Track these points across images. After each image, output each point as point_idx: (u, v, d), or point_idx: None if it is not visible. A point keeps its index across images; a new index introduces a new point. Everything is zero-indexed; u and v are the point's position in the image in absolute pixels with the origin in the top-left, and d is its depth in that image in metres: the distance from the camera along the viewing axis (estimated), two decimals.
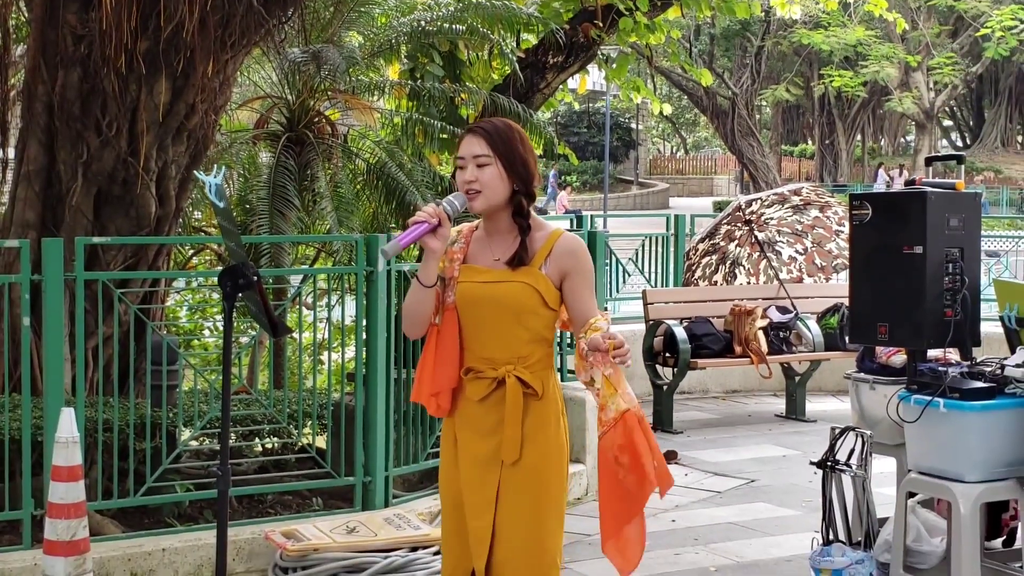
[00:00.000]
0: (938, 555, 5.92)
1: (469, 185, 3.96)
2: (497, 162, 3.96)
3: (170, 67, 6.88)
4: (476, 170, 3.96)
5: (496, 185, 3.97)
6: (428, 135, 10.30)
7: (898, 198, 6.22)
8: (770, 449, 9.90)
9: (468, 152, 3.99)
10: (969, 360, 5.99)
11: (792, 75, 53.84)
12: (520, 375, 3.98)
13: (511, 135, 4.01)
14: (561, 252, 3.99)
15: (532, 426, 4.00)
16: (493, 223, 4.04)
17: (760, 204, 12.03)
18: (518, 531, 3.98)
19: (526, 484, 3.99)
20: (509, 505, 3.99)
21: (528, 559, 3.99)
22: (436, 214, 3.88)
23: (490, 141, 3.97)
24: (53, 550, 5.55)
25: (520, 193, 4.00)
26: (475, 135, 4.01)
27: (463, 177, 3.98)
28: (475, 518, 4.02)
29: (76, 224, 6.94)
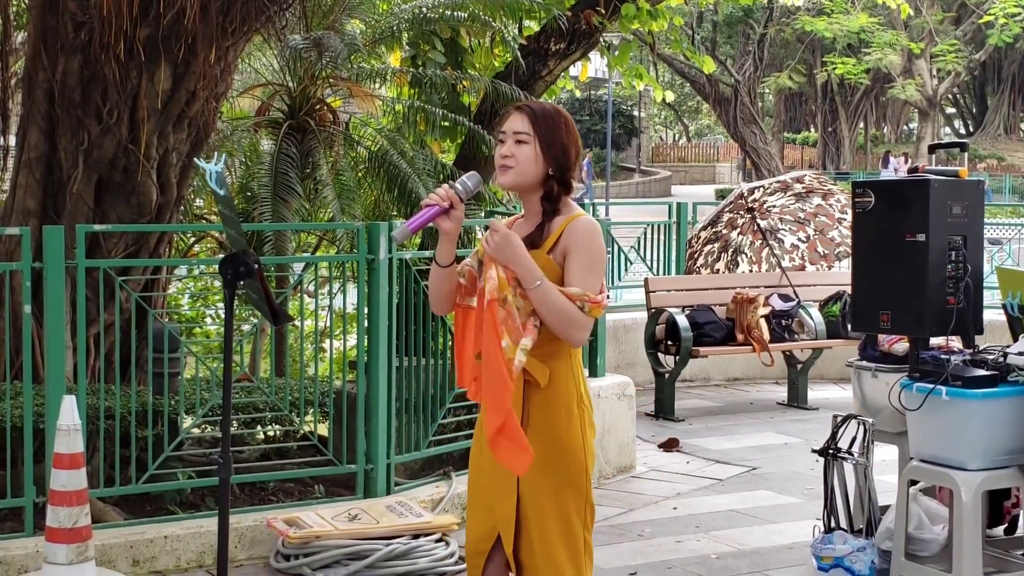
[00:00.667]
0: (940, 543, 5.92)
1: (504, 160, 3.95)
2: (536, 142, 3.94)
3: (171, 54, 6.87)
4: (514, 146, 3.94)
5: (529, 164, 3.94)
6: (430, 123, 10.28)
7: (901, 186, 6.21)
8: (772, 437, 9.90)
9: (510, 127, 3.97)
10: (971, 348, 5.98)
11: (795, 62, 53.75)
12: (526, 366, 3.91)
13: (556, 118, 3.98)
14: (570, 233, 3.93)
15: (536, 416, 3.95)
16: (527, 206, 4.02)
17: (762, 192, 12.01)
18: (538, 521, 3.96)
19: (539, 475, 3.94)
20: (528, 494, 3.97)
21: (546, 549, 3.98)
22: (447, 196, 3.85)
23: (533, 120, 3.95)
24: (55, 537, 5.55)
25: (554, 178, 3.97)
26: (520, 112, 3.99)
27: (500, 151, 3.97)
28: (499, 503, 4.01)
29: (77, 212, 6.93)
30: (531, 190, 3.98)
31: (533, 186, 3.97)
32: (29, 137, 7.05)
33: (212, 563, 6.24)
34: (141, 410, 6.49)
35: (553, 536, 3.99)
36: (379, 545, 6.22)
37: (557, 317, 3.84)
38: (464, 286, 4.04)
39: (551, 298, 3.83)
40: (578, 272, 3.89)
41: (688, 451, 9.33)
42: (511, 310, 3.87)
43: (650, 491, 8.12)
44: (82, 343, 6.39)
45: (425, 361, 7.36)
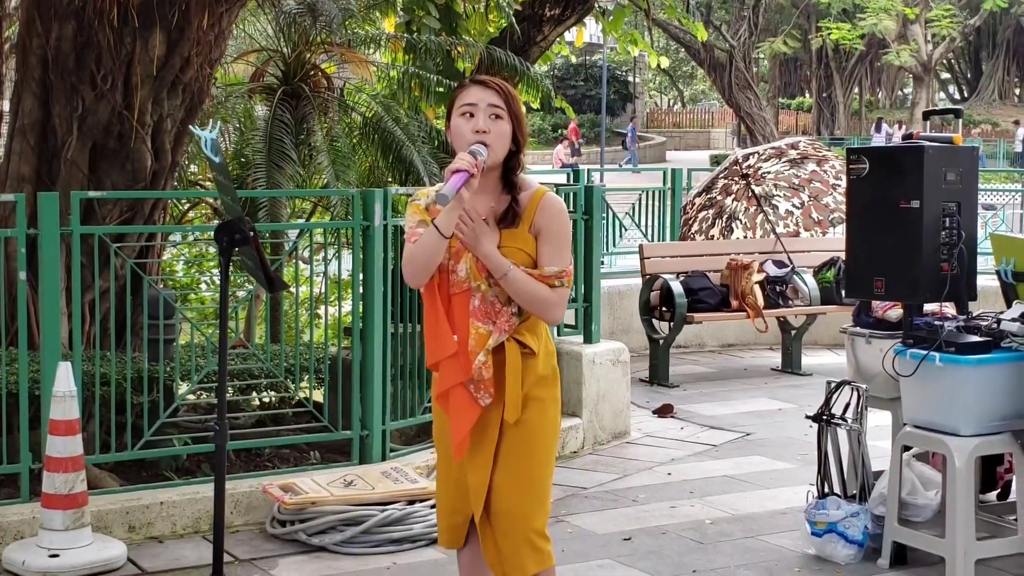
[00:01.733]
0: (933, 508, 5.96)
1: (481, 135, 3.91)
2: (508, 117, 3.95)
3: (165, 20, 6.84)
4: (491, 121, 3.93)
5: (504, 141, 3.95)
6: (424, 89, 10.25)
7: (895, 152, 6.21)
8: (766, 403, 9.93)
9: (482, 99, 3.94)
10: (965, 314, 6.00)
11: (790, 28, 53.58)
12: (519, 336, 4.00)
13: (514, 92, 4.01)
14: (544, 212, 3.99)
15: (530, 384, 4.03)
16: (481, 181, 3.91)
17: (757, 158, 12.00)
18: (517, 486, 4.03)
19: (524, 441, 4.03)
20: (508, 461, 4.04)
21: (523, 510, 4.05)
22: (477, 165, 3.83)
23: (503, 96, 3.96)
24: (51, 503, 5.58)
25: (515, 153, 3.99)
26: (488, 88, 3.97)
27: (474, 125, 3.92)
28: (473, 474, 4.06)
29: (72, 178, 6.92)
30: (492, 167, 3.97)
31: (499, 163, 3.98)
32: (23, 103, 7.03)
33: (208, 529, 6.26)
34: (136, 376, 6.50)
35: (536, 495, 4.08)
36: (374, 511, 6.24)
37: (530, 301, 3.96)
38: None
39: (521, 285, 3.92)
40: (554, 251, 3.98)
41: (682, 417, 9.36)
42: (485, 297, 3.96)
43: (644, 457, 8.15)
44: (77, 310, 6.39)
45: (420, 327, 7.36)
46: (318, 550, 6.15)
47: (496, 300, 3.96)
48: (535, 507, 4.07)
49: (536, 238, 3.98)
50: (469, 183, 3.80)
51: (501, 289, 3.94)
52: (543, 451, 4.08)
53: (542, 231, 3.98)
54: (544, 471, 4.10)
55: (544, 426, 4.07)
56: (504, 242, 3.96)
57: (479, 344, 3.95)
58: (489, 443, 4.04)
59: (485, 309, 3.96)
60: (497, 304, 3.96)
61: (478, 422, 4.02)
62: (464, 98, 3.98)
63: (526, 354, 4.01)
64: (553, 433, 4.13)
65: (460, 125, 3.96)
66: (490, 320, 3.96)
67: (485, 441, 4.04)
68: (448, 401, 4.04)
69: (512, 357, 3.99)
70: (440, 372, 4.05)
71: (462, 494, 4.13)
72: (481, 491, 4.05)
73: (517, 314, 3.99)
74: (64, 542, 5.60)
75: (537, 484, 4.07)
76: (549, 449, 4.12)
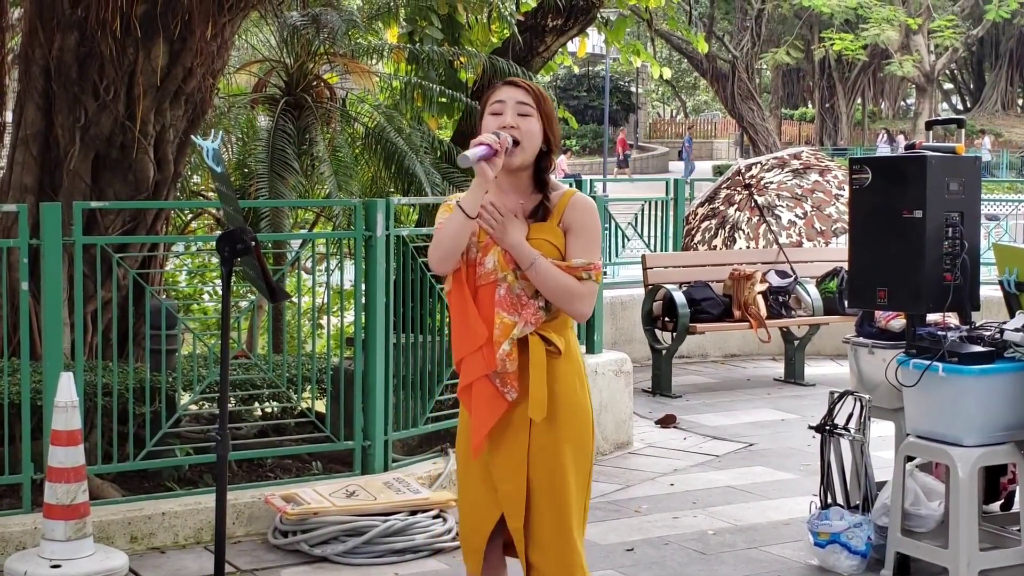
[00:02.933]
0: (936, 519, 5.94)
1: (511, 131, 3.91)
2: (538, 116, 3.95)
3: (167, 30, 6.85)
4: (518, 117, 3.93)
5: (534, 138, 3.95)
6: (427, 99, 10.26)
7: (898, 162, 6.21)
8: (769, 413, 9.92)
9: (510, 97, 3.95)
10: (968, 324, 5.99)
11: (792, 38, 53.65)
12: (544, 333, 3.96)
13: (547, 96, 4.02)
14: (573, 210, 3.98)
15: (557, 384, 3.98)
16: (511, 180, 3.98)
17: (760, 168, 12.00)
18: (548, 491, 3.97)
19: (557, 443, 3.97)
20: (542, 465, 3.97)
21: (561, 518, 3.99)
22: (503, 143, 3.84)
23: (533, 94, 3.97)
24: (53, 514, 5.57)
25: (546, 153, 4.00)
26: (516, 86, 3.99)
27: (502, 121, 3.92)
28: (505, 481, 3.99)
29: (74, 188, 6.92)
30: (524, 166, 3.98)
31: (529, 161, 3.98)
32: (26, 114, 7.04)
33: (210, 539, 6.26)
34: (139, 387, 6.50)
35: (571, 507, 4.02)
36: (376, 521, 6.23)
37: (556, 293, 3.92)
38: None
39: (548, 275, 3.89)
40: (583, 245, 3.96)
41: (685, 427, 9.35)
42: (511, 288, 3.93)
43: (647, 467, 8.14)
44: (79, 320, 6.39)
45: (422, 338, 7.36)
46: (320, 560, 6.14)
47: (523, 292, 3.93)
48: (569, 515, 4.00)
49: (565, 233, 3.97)
50: (492, 161, 3.82)
51: (528, 283, 3.92)
52: (578, 455, 4.01)
53: (572, 226, 3.97)
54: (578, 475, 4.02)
55: (575, 428, 4.00)
56: (532, 234, 3.94)
57: (504, 334, 3.91)
58: (520, 448, 3.97)
59: (511, 300, 3.93)
60: (524, 296, 3.93)
61: (505, 423, 3.97)
62: (494, 97, 3.99)
63: (551, 352, 3.97)
64: (586, 438, 4.05)
65: (489, 123, 3.96)
66: (516, 311, 3.93)
67: (516, 446, 3.97)
68: (471, 395, 3.99)
69: (536, 351, 3.93)
70: (464, 365, 4.01)
71: (481, 514, 4.06)
72: (517, 499, 3.96)
73: (544, 308, 3.95)
74: (66, 552, 5.59)
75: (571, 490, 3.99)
76: (583, 453, 4.04)
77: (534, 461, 3.98)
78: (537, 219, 3.97)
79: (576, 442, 4.02)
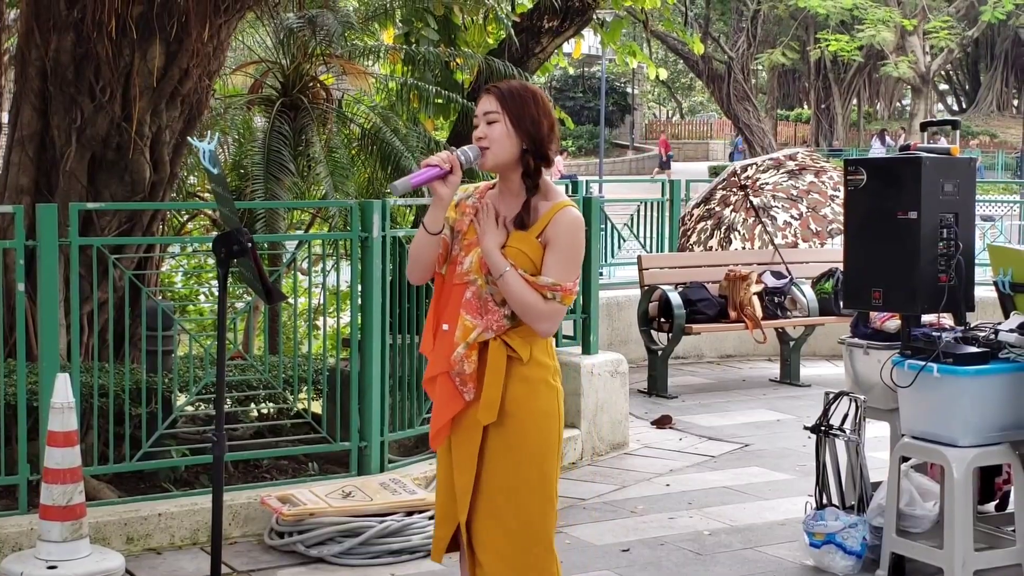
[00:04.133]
0: (931, 519, 5.95)
1: (479, 141, 3.99)
2: (505, 118, 3.97)
3: (164, 31, 6.86)
4: (486, 127, 3.99)
5: (503, 142, 3.98)
6: (423, 100, 10.27)
7: (893, 163, 6.22)
8: (764, 414, 9.93)
9: (480, 110, 4.03)
10: (963, 325, 6.00)
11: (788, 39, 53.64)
12: (507, 339, 4.00)
13: (524, 94, 4.03)
14: (556, 224, 4.00)
15: (516, 390, 4.01)
16: (505, 183, 4.06)
17: (755, 169, 12.01)
18: (498, 494, 4.02)
19: (507, 448, 4.01)
20: (490, 467, 4.03)
21: (505, 523, 4.02)
22: (449, 160, 3.91)
23: (500, 98, 4.00)
24: (49, 515, 5.57)
25: (529, 152, 4.00)
26: (488, 93, 4.04)
27: (475, 134, 4.02)
28: (459, 474, 4.06)
29: (70, 189, 6.93)
30: (510, 168, 4.02)
31: (512, 164, 4.02)
32: (22, 115, 7.04)
33: (206, 540, 6.26)
34: (135, 388, 6.50)
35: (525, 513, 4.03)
36: (373, 522, 6.24)
37: (521, 308, 3.97)
38: (440, 254, 4.08)
39: (515, 289, 3.94)
40: (556, 265, 3.99)
41: (681, 428, 9.36)
42: (479, 292, 4.00)
43: (643, 468, 8.15)
44: (75, 321, 6.39)
45: (418, 338, 7.36)
46: (316, 561, 6.14)
47: (490, 298, 3.99)
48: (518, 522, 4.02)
49: (545, 247, 3.99)
50: (448, 180, 3.90)
51: (498, 289, 3.96)
52: (529, 464, 4.02)
53: (551, 242, 3.99)
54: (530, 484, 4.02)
55: (529, 435, 4.01)
56: (511, 242, 3.98)
57: (463, 335, 3.99)
58: (472, 444, 4.02)
59: (477, 304, 3.99)
60: (491, 302, 3.99)
61: (463, 420, 4.03)
62: (476, 110, 4.08)
63: (513, 358, 4.00)
64: (542, 447, 4.04)
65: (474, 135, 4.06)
66: (479, 315, 3.99)
67: (469, 442, 4.03)
68: (434, 388, 4.09)
69: (495, 357, 3.98)
70: (430, 359, 4.13)
71: (446, 506, 4.13)
72: (465, 492, 4.03)
73: (509, 317, 3.99)
74: (62, 554, 5.58)
75: (520, 497, 4.01)
76: (536, 463, 4.03)
77: (487, 462, 4.03)
78: (518, 227, 4.00)
79: (532, 448, 4.02)
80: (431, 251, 4.03)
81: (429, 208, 3.99)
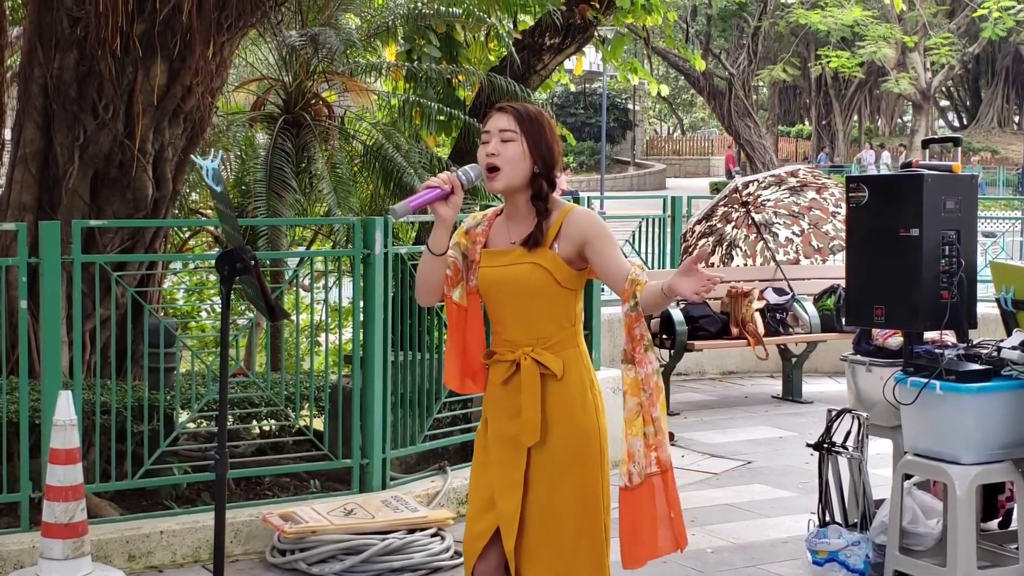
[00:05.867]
0: (934, 537, 5.94)
1: (491, 159, 3.92)
2: (522, 140, 3.93)
3: (166, 49, 6.87)
4: (500, 144, 3.93)
5: (518, 163, 3.92)
6: (425, 117, 10.28)
7: (894, 180, 6.22)
8: (767, 431, 9.92)
9: (494, 126, 3.96)
10: (965, 342, 6.00)
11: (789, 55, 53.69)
12: (538, 356, 3.94)
13: (539, 118, 3.99)
14: (571, 225, 3.94)
15: (555, 408, 3.96)
16: (513, 206, 4.01)
17: (757, 186, 12.02)
18: (546, 517, 3.94)
19: (553, 469, 3.94)
20: (537, 489, 3.95)
21: (561, 543, 3.95)
22: (449, 180, 3.87)
23: (518, 118, 3.95)
24: (51, 532, 5.56)
25: (541, 176, 3.97)
26: (503, 112, 3.98)
27: (486, 150, 3.95)
28: (502, 499, 3.96)
29: (73, 207, 6.94)
30: (519, 191, 3.97)
31: (521, 186, 3.96)
32: (25, 132, 7.05)
33: (208, 558, 6.26)
34: (137, 405, 6.50)
35: (574, 532, 3.97)
36: (375, 540, 6.23)
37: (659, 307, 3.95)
38: (449, 277, 4.05)
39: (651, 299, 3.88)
40: (614, 254, 3.93)
41: (683, 445, 9.34)
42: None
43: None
44: (78, 338, 6.39)
45: (420, 355, 7.37)
46: None
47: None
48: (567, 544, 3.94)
49: (579, 253, 3.93)
50: (450, 200, 3.87)
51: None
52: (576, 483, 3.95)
53: (588, 241, 3.91)
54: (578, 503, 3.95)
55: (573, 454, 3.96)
56: (527, 259, 3.93)
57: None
58: (517, 467, 3.95)
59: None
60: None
61: (505, 442, 3.98)
62: (484, 126, 4.02)
63: (547, 375, 3.95)
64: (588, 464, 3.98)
65: (479, 151, 3.99)
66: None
67: (513, 465, 3.96)
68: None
69: (528, 376, 3.93)
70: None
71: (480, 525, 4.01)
72: (511, 518, 3.92)
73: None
74: (64, 571, 5.58)
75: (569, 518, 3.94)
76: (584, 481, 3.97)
77: (532, 483, 3.96)
78: (530, 246, 3.95)
79: (576, 465, 3.97)
80: (438, 273, 4.00)
81: (433, 229, 3.95)
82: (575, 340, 4.03)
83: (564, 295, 3.97)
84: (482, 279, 4.01)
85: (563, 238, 3.94)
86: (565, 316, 3.99)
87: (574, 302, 4.01)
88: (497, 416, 4.04)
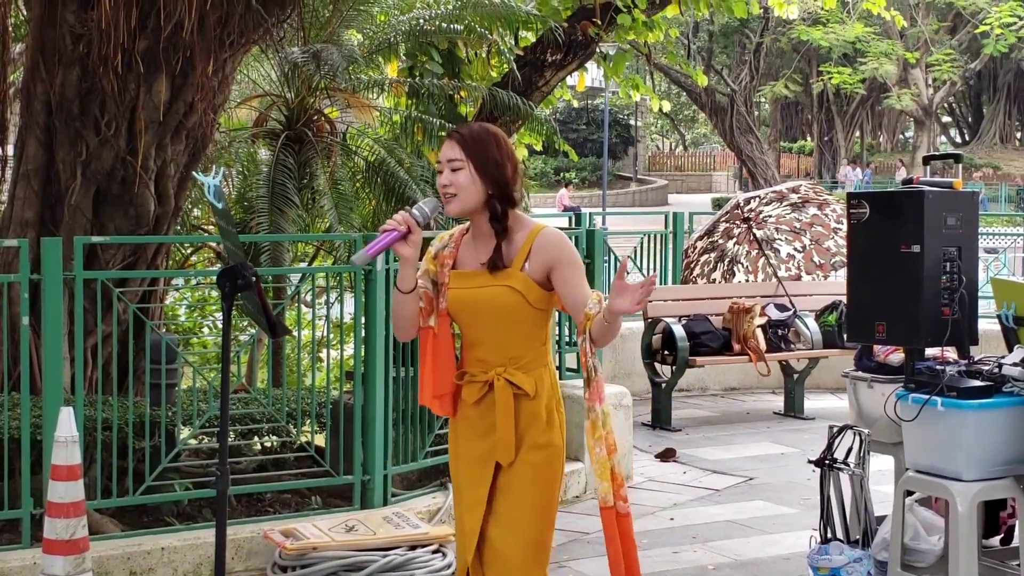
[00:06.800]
0: (936, 553, 5.93)
1: (444, 189, 4.00)
2: (469, 165, 3.97)
3: (169, 66, 6.89)
4: (450, 174, 3.98)
5: (469, 188, 3.97)
6: (427, 132, 10.30)
7: (896, 197, 6.23)
8: (768, 447, 9.91)
9: (444, 156, 4.03)
10: (967, 359, 5.99)
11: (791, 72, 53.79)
12: (511, 377, 3.99)
13: (486, 138, 4.01)
14: (541, 247, 3.98)
15: (525, 427, 4.02)
16: (476, 227, 4.06)
17: (759, 202, 12.03)
18: (509, 530, 4.00)
19: (518, 484, 4.01)
20: (501, 504, 4.02)
21: (516, 557, 4.01)
22: (404, 221, 3.92)
23: (463, 144, 3.99)
24: (52, 549, 5.55)
25: (495, 197, 4.00)
26: (450, 139, 4.04)
27: (440, 181, 4.02)
28: (468, 513, 4.06)
29: (75, 223, 6.94)
30: (478, 212, 4.02)
31: (478, 208, 4.01)
32: (27, 148, 7.07)
33: (209, 574, 6.25)
34: (138, 421, 6.50)
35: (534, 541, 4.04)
36: (376, 556, 6.22)
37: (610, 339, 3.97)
38: (423, 308, 4.08)
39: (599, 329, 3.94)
40: (577, 281, 3.97)
41: (685, 461, 9.34)
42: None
43: (647, 501, 8.13)
44: (80, 354, 6.39)
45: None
46: None
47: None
48: (526, 554, 4.02)
49: (547, 274, 3.97)
50: (408, 239, 3.91)
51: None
52: (539, 497, 4.03)
53: (555, 265, 3.96)
54: (537, 516, 4.04)
55: (539, 471, 4.02)
56: (494, 281, 3.98)
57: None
58: (483, 485, 4.03)
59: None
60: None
61: (475, 457, 4.04)
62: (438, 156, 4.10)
63: (519, 395, 4.01)
64: (551, 480, 4.07)
65: (437, 182, 4.08)
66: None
67: (479, 483, 4.04)
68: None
69: (502, 396, 3.98)
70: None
71: (464, 540, 4.11)
72: (472, 532, 4.03)
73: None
74: None
75: (530, 530, 4.02)
76: (544, 496, 4.05)
77: (496, 499, 4.03)
78: (495, 269, 3.99)
79: (539, 480, 4.03)
80: (411, 308, 4.04)
81: (399, 268, 4.00)
82: (544, 359, 4.09)
83: (536, 316, 4.02)
84: (452, 300, 4.05)
85: (533, 259, 3.98)
86: (537, 336, 4.05)
87: (545, 322, 4.07)
88: (468, 435, 4.11)
